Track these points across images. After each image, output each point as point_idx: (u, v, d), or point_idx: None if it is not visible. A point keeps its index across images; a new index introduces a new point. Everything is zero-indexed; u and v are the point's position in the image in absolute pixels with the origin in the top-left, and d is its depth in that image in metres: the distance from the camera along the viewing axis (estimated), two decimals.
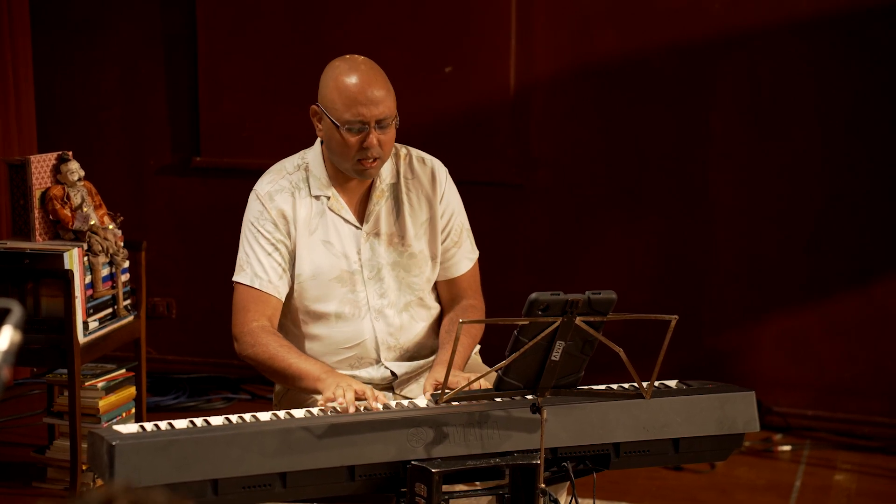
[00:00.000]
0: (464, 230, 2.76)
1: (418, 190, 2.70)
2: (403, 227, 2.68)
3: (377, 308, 2.66)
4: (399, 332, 2.68)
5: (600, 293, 2.16)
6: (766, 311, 4.30)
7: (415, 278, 2.69)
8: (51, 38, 4.80)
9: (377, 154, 2.56)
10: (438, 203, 2.70)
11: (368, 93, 2.53)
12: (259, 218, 2.63)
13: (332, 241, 2.64)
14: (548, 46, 4.34)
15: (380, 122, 2.54)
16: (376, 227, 2.66)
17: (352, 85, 2.53)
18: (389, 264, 2.66)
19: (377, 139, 2.54)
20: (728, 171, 4.27)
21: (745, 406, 2.48)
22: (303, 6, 4.55)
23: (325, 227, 2.64)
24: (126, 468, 2.06)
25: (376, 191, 2.67)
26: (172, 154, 4.78)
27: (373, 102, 2.53)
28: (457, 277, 2.76)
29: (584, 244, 4.44)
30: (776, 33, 4.15)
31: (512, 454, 2.26)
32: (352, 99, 2.53)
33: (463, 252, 2.75)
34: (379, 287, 2.66)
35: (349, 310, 2.65)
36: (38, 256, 3.53)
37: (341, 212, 2.65)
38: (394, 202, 2.68)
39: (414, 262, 2.68)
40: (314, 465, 2.17)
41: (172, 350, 4.84)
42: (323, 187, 2.64)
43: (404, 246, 2.67)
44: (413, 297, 2.70)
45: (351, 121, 2.53)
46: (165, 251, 4.77)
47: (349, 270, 2.64)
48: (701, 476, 3.84)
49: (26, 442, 3.97)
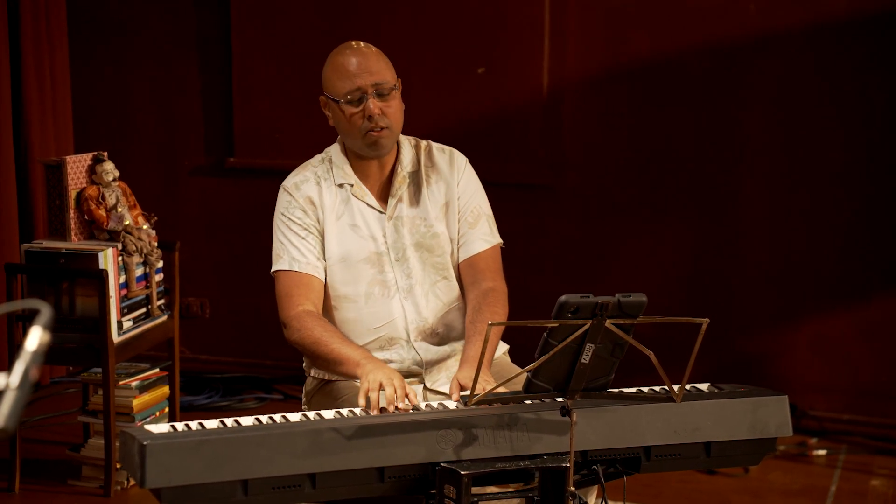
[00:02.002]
0: (482, 214, 2.77)
1: (437, 175, 2.75)
2: (425, 210, 2.72)
3: (405, 288, 2.69)
4: (426, 310, 2.71)
5: (630, 296, 2.15)
6: (799, 315, 4.26)
7: (438, 258, 2.72)
8: (87, 40, 4.84)
9: (383, 123, 2.61)
10: (456, 186, 2.74)
11: (362, 64, 2.62)
12: (288, 207, 2.69)
13: (359, 224, 2.69)
14: (580, 48, 4.33)
15: (377, 87, 2.61)
16: (399, 211, 2.71)
17: (344, 59, 2.64)
18: (413, 245, 2.70)
19: (378, 108, 2.60)
20: (760, 174, 4.24)
21: (778, 410, 2.46)
22: (336, 8, 4.57)
23: (350, 212, 2.69)
24: (157, 468, 2.07)
25: (398, 177, 2.72)
26: (206, 155, 4.81)
27: (366, 71, 2.61)
28: (474, 257, 2.74)
29: (613, 246, 4.42)
30: (811, 35, 4.11)
31: (541, 457, 2.26)
32: (345, 72, 2.62)
33: (478, 233, 2.75)
34: (405, 268, 2.70)
35: (378, 290, 2.69)
36: (73, 256, 3.56)
37: (365, 197, 2.70)
38: (415, 188, 2.73)
39: (436, 242, 2.72)
40: (344, 466, 2.17)
41: (205, 350, 4.87)
42: (346, 176, 2.70)
43: (426, 227, 2.72)
44: (438, 277, 2.73)
45: (349, 91, 2.61)
46: (199, 251, 4.79)
47: (377, 252, 2.68)
48: (734, 480, 3.81)
49: (62, 440, 4.01)
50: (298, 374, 4.53)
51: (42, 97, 4.56)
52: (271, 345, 4.70)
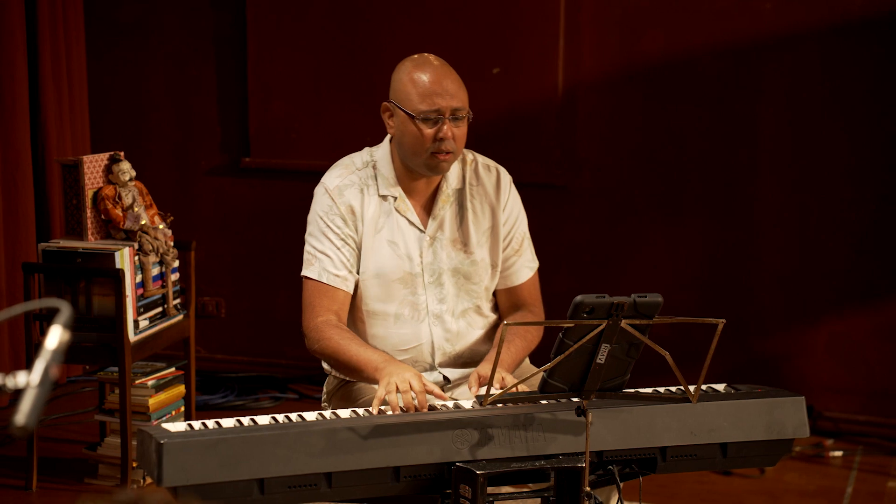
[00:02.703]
0: (525, 238, 2.75)
1: (482, 197, 2.70)
2: (466, 233, 2.68)
3: (436, 313, 2.67)
4: (456, 338, 2.69)
5: (646, 296, 2.15)
6: (815, 315, 4.25)
7: (474, 286, 2.69)
8: (103, 40, 4.86)
9: (451, 147, 2.57)
10: (501, 211, 2.70)
11: (444, 83, 2.56)
12: (328, 212, 2.63)
13: (397, 242, 2.64)
14: (595, 48, 4.33)
15: (454, 112, 2.56)
16: (440, 232, 2.67)
17: (427, 76, 2.57)
18: (450, 270, 2.67)
19: (451, 132, 2.55)
20: (775, 174, 4.22)
21: (795, 411, 2.45)
22: (352, 7, 4.57)
23: (390, 227, 2.64)
24: (173, 466, 2.08)
25: (442, 195, 2.67)
26: (222, 154, 4.83)
27: (448, 93, 2.55)
28: (517, 286, 2.75)
29: (628, 246, 4.41)
30: (827, 35, 4.10)
31: (557, 457, 2.26)
32: (427, 89, 2.55)
33: (523, 261, 2.74)
34: (438, 292, 2.67)
35: (409, 312, 2.66)
36: (89, 255, 3.58)
37: (407, 213, 2.65)
38: (458, 207, 2.69)
39: (475, 269, 2.68)
40: (360, 465, 2.18)
41: (221, 349, 4.88)
42: (390, 186, 2.65)
43: (466, 252, 2.67)
44: (471, 305, 2.70)
45: (426, 111, 2.55)
46: (215, 251, 4.81)
47: (411, 273, 2.65)
48: (750, 481, 3.80)
49: (78, 438, 4.02)
50: (314, 373, 4.56)
51: (59, 97, 4.58)
52: (287, 344, 4.71)
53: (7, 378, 1.36)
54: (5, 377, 1.37)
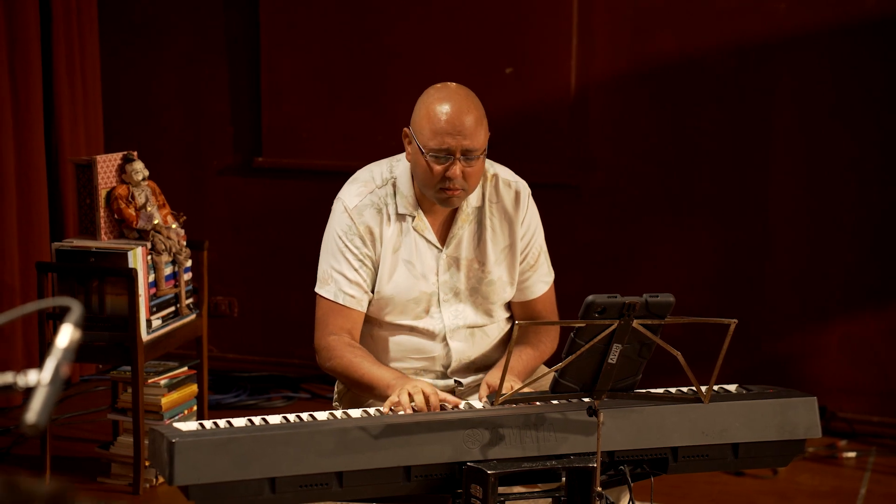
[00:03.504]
0: (542, 252, 2.74)
1: (501, 214, 2.68)
2: (484, 252, 2.66)
3: (451, 328, 2.66)
4: (470, 350, 2.69)
5: (658, 296, 2.15)
6: (828, 315, 4.23)
7: (491, 304, 2.69)
8: (117, 40, 4.88)
9: (460, 185, 2.53)
10: (519, 225, 2.68)
11: (457, 123, 2.50)
12: (347, 232, 2.61)
13: (414, 262, 2.63)
14: (607, 48, 4.32)
15: (466, 153, 2.51)
16: (457, 251, 2.65)
17: (442, 114, 2.50)
18: (468, 289, 2.66)
19: (461, 171, 2.51)
20: (787, 173, 4.21)
21: (807, 412, 2.44)
22: (364, 8, 4.58)
23: (408, 246, 2.63)
24: (185, 465, 2.09)
25: (461, 214, 2.65)
26: (234, 154, 4.84)
27: (461, 133, 2.50)
28: (532, 300, 2.74)
29: (640, 246, 4.41)
30: (841, 35, 4.08)
31: (568, 457, 2.25)
32: (440, 128, 2.50)
33: (539, 275, 2.73)
34: (455, 310, 2.66)
35: (423, 327, 2.66)
36: (103, 255, 3.59)
37: (424, 232, 2.64)
38: (477, 226, 2.67)
39: (492, 288, 2.67)
40: (371, 465, 2.18)
41: (234, 349, 4.89)
42: (409, 206, 2.63)
43: (484, 273, 2.66)
44: (487, 321, 2.71)
45: (436, 149, 2.50)
46: (227, 251, 4.82)
47: (427, 292, 2.64)
48: (763, 482, 3.79)
49: (91, 437, 4.04)
50: (326, 373, 4.56)
51: (73, 97, 4.60)
52: (299, 344, 4.72)
53: (18, 377, 1.37)
54: (16, 376, 1.38)
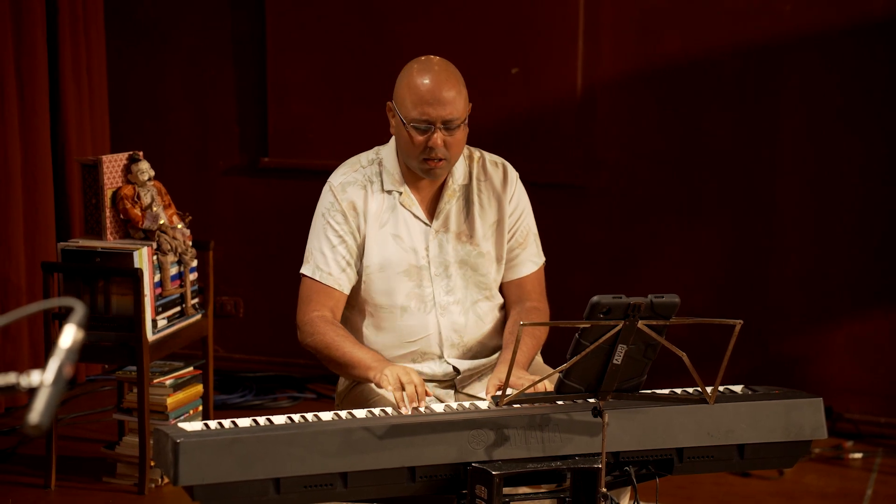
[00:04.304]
0: (530, 233, 2.76)
1: (489, 191, 2.72)
2: (472, 226, 2.69)
3: (443, 304, 2.68)
4: (464, 329, 2.70)
5: (663, 297, 2.14)
6: (834, 316, 4.22)
7: (482, 277, 2.70)
8: (123, 40, 4.88)
9: (443, 155, 2.57)
10: (508, 203, 2.71)
11: (437, 93, 2.55)
12: (330, 209, 2.66)
13: (402, 235, 2.66)
14: (614, 49, 4.31)
15: (446, 123, 2.56)
16: (445, 225, 2.68)
17: (422, 84, 2.56)
18: (457, 262, 2.68)
19: (442, 140, 2.56)
20: (794, 174, 4.20)
21: (813, 413, 2.44)
22: (371, 8, 4.58)
23: (395, 221, 2.66)
24: (189, 465, 2.09)
25: (448, 190, 2.68)
26: (240, 154, 4.84)
27: (440, 103, 2.54)
28: (521, 279, 2.76)
29: (646, 247, 4.40)
30: (847, 35, 4.07)
31: (573, 458, 2.25)
32: (420, 98, 2.55)
33: (527, 254, 2.75)
34: (446, 284, 2.68)
35: (415, 304, 2.67)
36: (108, 255, 3.59)
37: (412, 207, 2.67)
38: (464, 202, 2.70)
39: (482, 261, 2.70)
40: (375, 465, 2.18)
41: (239, 349, 4.90)
42: (395, 183, 2.67)
43: (472, 244, 2.69)
44: (480, 297, 2.71)
45: (417, 119, 2.55)
46: (233, 251, 4.82)
47: (417, 265, 2.66)
48: (769, 483, 3.78)
49: (97, 437, 4.04)
50: (331, 373, 4.56)
51: (79, 97, 4.60)
52: None
53: (21, 377, 1.37)
54: (19, 376, 1.37)
